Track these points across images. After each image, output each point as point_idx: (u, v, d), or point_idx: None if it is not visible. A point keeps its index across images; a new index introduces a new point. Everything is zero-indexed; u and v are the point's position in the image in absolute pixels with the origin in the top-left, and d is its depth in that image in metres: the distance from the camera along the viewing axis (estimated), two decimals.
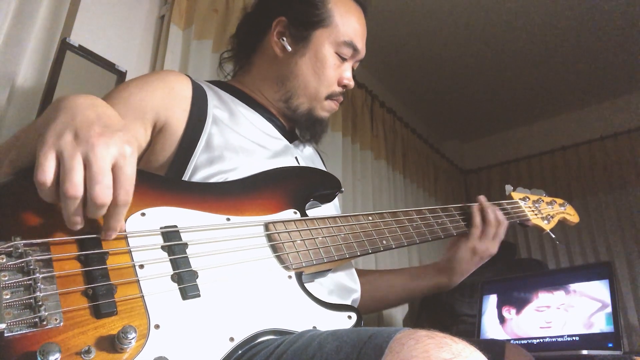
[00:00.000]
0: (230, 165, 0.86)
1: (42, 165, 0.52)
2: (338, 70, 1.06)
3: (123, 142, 0.56)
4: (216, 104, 0.96)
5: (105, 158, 0.54)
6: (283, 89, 1.05)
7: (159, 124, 0.87)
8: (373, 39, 1.23)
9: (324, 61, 1.03)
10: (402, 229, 0.94)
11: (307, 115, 1.06)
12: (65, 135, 0.54)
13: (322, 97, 1.05)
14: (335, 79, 1.05)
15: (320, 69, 1.03)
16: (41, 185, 0.53)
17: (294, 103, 1.05)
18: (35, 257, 0.54)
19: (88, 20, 1.51)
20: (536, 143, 3.72)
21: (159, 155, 0.87)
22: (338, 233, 0.84)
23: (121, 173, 0.55)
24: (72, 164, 0.53)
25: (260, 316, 0.66)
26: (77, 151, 0.53)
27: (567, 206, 1.38)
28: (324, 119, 1.09)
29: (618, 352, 1.60)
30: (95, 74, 1.48)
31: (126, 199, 0.56)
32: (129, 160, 0.56)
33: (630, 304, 2.91)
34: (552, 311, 1.89)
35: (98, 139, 0.54)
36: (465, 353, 0.51)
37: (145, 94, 0.87)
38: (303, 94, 1.05)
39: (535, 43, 2.94)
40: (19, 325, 0.49)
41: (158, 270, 0.62)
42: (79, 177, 0.53)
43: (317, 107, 1.06)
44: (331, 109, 1.09)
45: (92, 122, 0.56)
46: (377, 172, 2.79)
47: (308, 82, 1.04)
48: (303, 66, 1.03)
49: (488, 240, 1.12)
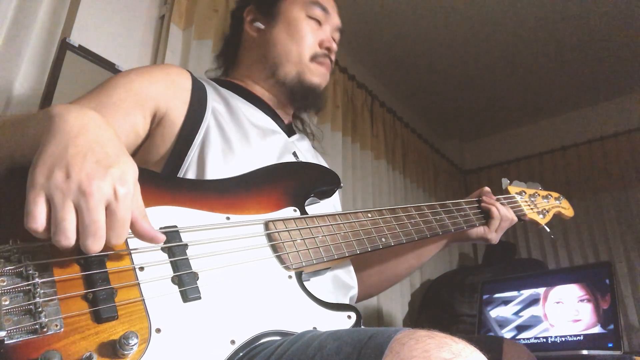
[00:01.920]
0: (228, 158, 0.86)
1: (32, 212, 0.51)
2: (316, 34, 1.07)
3: (115, 181, 0.54)
4: (215, 97, 0.96)
5: (97, 206, 0.52)
6: (267, 64, 1.07)
7: (159, 115, 0.87)
8: (373, 39, 1.23)
9: (297, 24, 1.06)
10: (401, 226, 0.94)
11: (299, 83, 1.06)
12: (55, 174, 0.52)
13: (306, 59, 1.06)
14: (314, 41, 1.07)
15: (295, 33, 1.06)
16: (33, 232, 0.51)
17: (281, 73, 1.06)
18: (34, 261, 0.54)
19: (88, 20, 1.51)
20: (536, 143, 3.72)
21: (159, 147, 0.87)
22: (338, 232, 0.83)
23: (114, 217, 0.53)
24: (63, 214, 0.51)
25: (261, 318, 0.66)
26: (68, 198, 0.51)
27: (562, 200, 1.39)
28: (317, 87, 1.08)
29: (618, 352, 1.61)
30: (95, 74, 1.48)
31: (118, 242, 0.55)
32: (122, 204, 0.54)
33: (630, 304, 2.91)
34: (552, 311, 1.89)
35: (90, 183, 0.52)
36: (465, 353, 0.51)
37: (147, 82, 0.87)
38: (286, 61, 1.05)
39: (536, 43, 2.93)
40: (19, 332, 0.49)
41: (158, 272, 0.62)
42: (70, 227, 0.51)
43: (305, 72, 1.06)
44: (321, 73, 1.08)
45: (84, 156, 0.54)
46: (377, 172, 2.79)
47: (287, 48, 1.05)
48: (278, 35, 1.06)
49: (499, 231, 1.16)
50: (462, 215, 1.09)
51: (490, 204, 1.15)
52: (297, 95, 1.08)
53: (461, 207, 1.11)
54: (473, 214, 1.13)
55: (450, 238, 1.16)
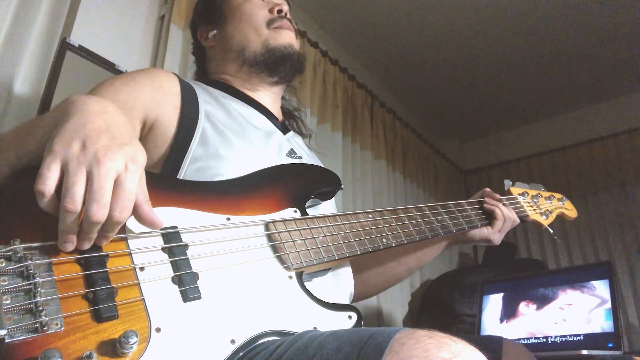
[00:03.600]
0: (226, 160, 0.86)
1: (44, 175, 0.52)
2: (262, 7, 1.10)
3: (128, 156, 0.56)
4: (207, 99, 0.96)
5: (107, 174, 0.53)
6: (233, 54, 1.09)
7: (149, 122, 0.86)
8: (373, 39, 1.23)
9: (242, 8, 1.10)
10: (402, 226, 0.94)
11: (268, 52, 1.06)
12: (73, 144, 0.54)
13: (264, 30, 1.08)
14: (264, 13, 1.09)
15: (244, 16, 1.09)
16: (39, 195, 0.52)
17: (250, 54, 1.07)
18: (35, 261, 0.54)
19: (88, 20, 1.51)
20: (536, 143, 3.72)
21: (153, 153, 0.86)
22: (338, 232, 0.83)
23: (120, 189, 0.55)
24: (75, 179, 0.53)
25: (261, 318, 0.66)
26: (82, 165, 0.53)
27: (565, 201, 1.38)
28: (288, 46, 1.08)
29: (618, 352, 1.61)
30: (95, 74, 1.48)
31: (120, 217, 0.55)
32: (130, 177, 0.55)
33: (630, 304, 2.91)
34: (551, 311, 1.89)
35: (104, 153, 0.54)
36: (465, 353, 0.52)
37: (132, 90, 0.86)
38: (248, 42, 1.07)
39: (536, 43, 2.94)
40: (19, 330, 0.49)
41: (158, 272, 0.62)
42: (80, 193, 0.53)
43: (269, 40, 1.07)
44: (282, 32, 1.09)
45: (100, 131, 0.57)
46: (377, 172, 2.79)
47: (244, 32, 1.08)
48: (231, 27, 1.10)
49: (502, 232, 1.16)
50: (463, 216, 1.09)
51: (494, 205, 1.15)
52: (272, 64, 1.07)
53: (463, 208, 1.10)
54: (475, 214, 1.13)
55: (452, 240, 1.15)
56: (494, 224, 1.14)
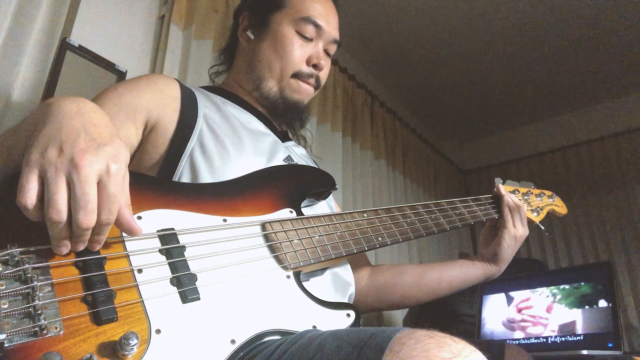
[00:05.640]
0: (222, 163, 0.86)
1: (23, 188, 0.51)
2: (304, 50, 1.06)
3: (108, 157, 0.54)
4: (206, 104, 0.97)
5: (88, 179, 0.52)
6: (253, 76, 1.07)
7: (150, 123, 0.88)
8: (373, 39, 1.23)
9: (284, 40, 1.04)
10: (396, 225, 0.94)
11: (280, 99, 1.06)
12: (49, 150, 0.53)
13: (287, 75, 1.05)
14: (301, 58, 1.05)
15: (281, 48, 1.04)
16: (22, 208, 0.52)
17: (265, 88, 1.06)
18: (32, 264, 0.54)
19: (88, 20, 1.51)
20: (536, 143, 3.72)
21: (151, 154, 0.88)
22: (334, 231, 0.84)
23: (105, 192, 0.54)
24: (55, 188, 0.51)
25: (261, 317, 0.66)
26: (60, 172, 0.52)
27: (555, 198, 1.39)
28: (299, 103, 1.08)
29: (618, 352, 1.61)
30: (95, 74, 1.48)
31: (108, 219, 0.54)
32: (114, 179, 0.54)
33: (630, 304, 2.91)
34: (552, 311, 1.89)
35: (82, 158, 0.52)
36: (465, 352, 0.52)
37: (135, 94, 0.88)
38: (270, 77, 1.06)
39: (536, 43, 2.93)
40: (19, 335, 0.49)
41: (157, 274, 0.62)
42: (62, 201, 0.51)
43: (286, 89, 1.06)
44: (302, 89, 1.07)
45: (77, 134, 0.55)
46: (377, 172, 2.79)
47: (272, 63, 1.05)
48: (265, 49, 1.06)
49: (523, 223, 1.19)
50: (457, 214, 1.10)
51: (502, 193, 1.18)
52: (279, 110, 1.08)
53: (455, 206, 1.11)
54: (482, 209, 1.15)
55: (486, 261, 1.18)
56: (504, 212, 1.16)
